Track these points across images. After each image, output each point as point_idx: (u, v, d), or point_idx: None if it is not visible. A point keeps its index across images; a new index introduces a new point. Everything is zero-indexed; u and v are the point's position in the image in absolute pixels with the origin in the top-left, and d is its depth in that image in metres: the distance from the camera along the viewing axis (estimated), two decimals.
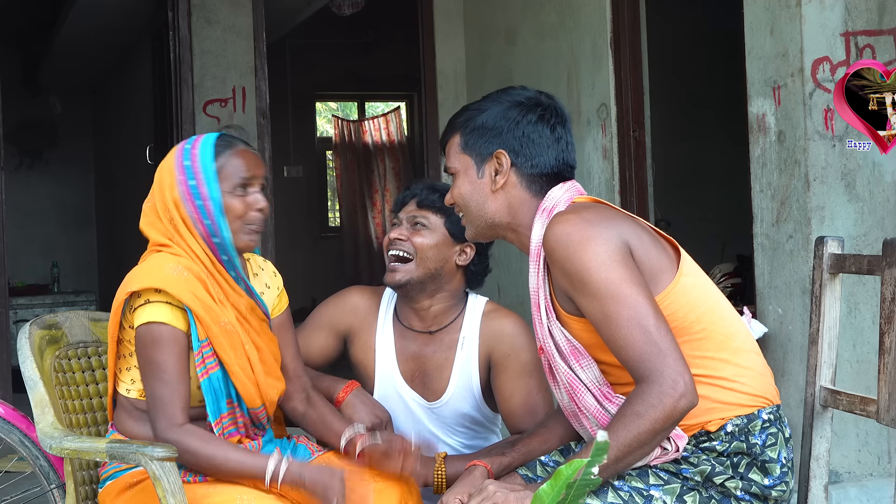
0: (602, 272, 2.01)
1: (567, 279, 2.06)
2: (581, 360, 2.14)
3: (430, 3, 6.63)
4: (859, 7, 3.91)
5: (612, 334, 2.02)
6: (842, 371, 3.63)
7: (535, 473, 2.31)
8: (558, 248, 2.06)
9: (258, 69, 6.12)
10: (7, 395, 5.15)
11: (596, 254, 2.02)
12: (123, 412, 2.43)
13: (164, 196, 2.41)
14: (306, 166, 10.43)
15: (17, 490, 3.29)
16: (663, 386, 1.96)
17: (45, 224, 10.42)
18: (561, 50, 5.50)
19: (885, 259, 2.22)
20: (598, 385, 2.14)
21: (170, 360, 2.30)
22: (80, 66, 9.83)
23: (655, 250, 2.13)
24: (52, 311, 7.28)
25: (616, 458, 1.99)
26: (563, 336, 2.14)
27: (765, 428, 2.11)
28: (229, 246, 2.40)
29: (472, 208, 2.25)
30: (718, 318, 2.14)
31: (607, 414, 2.12)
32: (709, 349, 2.11)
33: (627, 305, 2.00)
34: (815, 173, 3.86)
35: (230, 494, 2.25)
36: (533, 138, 2.22)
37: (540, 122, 2.23)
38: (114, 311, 2.39)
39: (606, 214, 2.13)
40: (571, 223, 2.07)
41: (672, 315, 2.07)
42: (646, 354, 1.98)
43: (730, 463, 2.10)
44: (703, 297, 2.14)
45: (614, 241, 2.05)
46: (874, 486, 3.87)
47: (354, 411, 2.66)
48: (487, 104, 2.26)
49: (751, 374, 2.14)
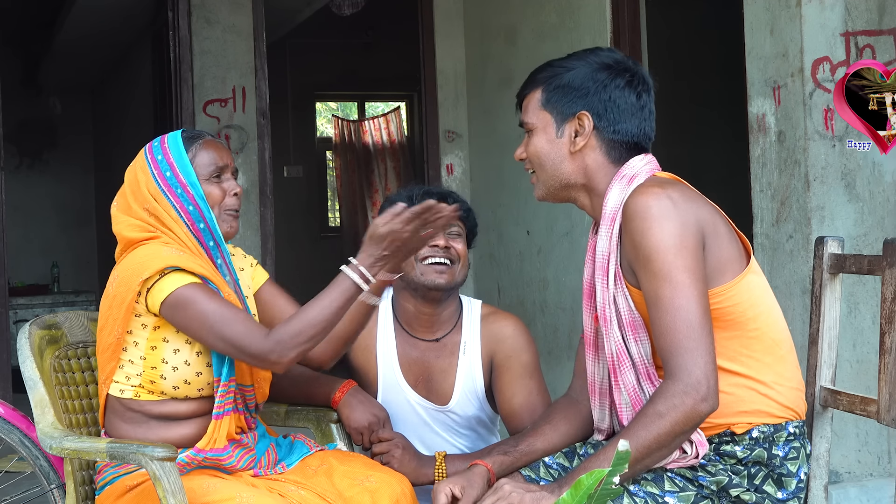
0: (668, 254, 1.99)
1: (635, 251, 2.04)
2: (637, 333, 2.11)
3: (430, 3, 6.63)
4: (859, 7, 3.91)
5: (659, 317, 2.00)
6: (842, 371, 3.63)
7: (538, 475, 2.29)
8: (636, 219, 2.03)
9: (258, 69, 6.12)
10: (7, 395, 5.15)
11: (669, 234, 2.00)
12: (115, 417, 2.43)
13: (140, 193, 2.43)
14: (306, 166, 10.43)
15: (17, 490, 3.29)
16: (689, 385, 1.95)
17: (45, 224, 10.42)
18: (561, 50, 5.46)
19: (886, 259, 2.22)
20: (645, 362, 2.10)
21: (214, 303, 2.29)
22: (80, 67, 9.84)
23: (728, 242, 2.10)
24: (52, 311, 7.28)
25: (635, 460, 1.98)
26: (627, 305, 2.11)
27: (789, 441, 2.10)
28: (215, 230, 2.42)
29: (548, 167, 2.20)
30: (773, 323, 2.13)
31: (642, 395, 2.10)
32: (756, 350, 2.09)
33: (680, 294, 1.98)
34: (815, 173, 3.86)
35: (230, 492, 2.25)
36: (619, 103, 2.16)
37: (627, 88, 2.18)
38: (120, 306, 2.35)
39: (690, 196, 2.09)
40: (655, 196, 2.03)
41: (732, 308, 2.06)
42: (682, 348, 1.97)
43: (746, 473, 2.08)
44: (763, 297, 2.13)
45: (691, 226, 2.02)
46: (874, 486, 3.87)
47: (352, 410, 2.66)
48: (575, 63, 2.20)
49: (788, 385, 2.12)
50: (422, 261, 2.69)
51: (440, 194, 2.69)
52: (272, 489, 2.33)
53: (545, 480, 2.27)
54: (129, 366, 2.39)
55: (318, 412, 2.75)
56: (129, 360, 2.39)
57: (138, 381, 2.39)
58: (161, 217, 2.41)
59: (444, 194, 2.72)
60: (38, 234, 10.17)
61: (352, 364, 2.81)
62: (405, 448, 2.62)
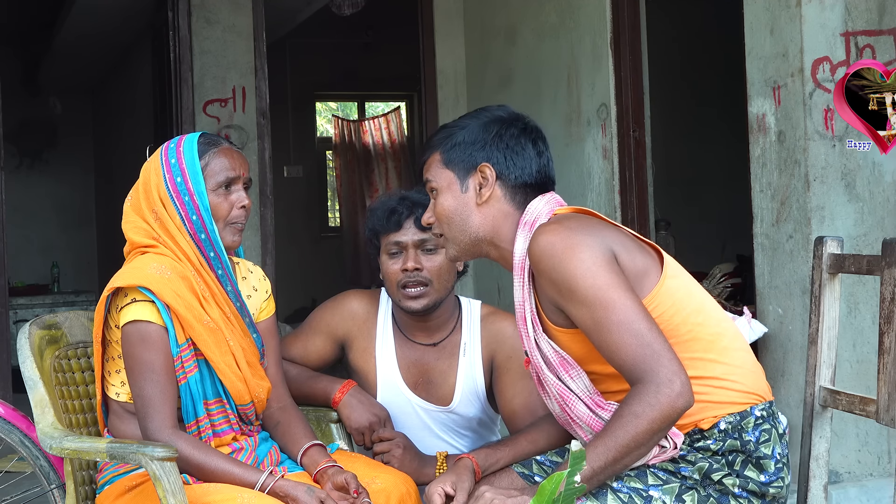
0: (589, 279, 2.02)
1: (555, 288, 2.07)
2: (570, 371, 2.15)
3: (430, 3, 6.63)
4: (859, 7, 3.91)
5: (604, 340, 2.02)
6: (842, 371, 3.63)
7: (530, 471, 2.33)
8: (544, 259, 2.07)
9: (258, 69, 6.12)
10: (7, 395, 5.15)
11: (582, 261, 2.03)
12: (115, 418, 2.43)
13: (150, 194, 2.42)
14: (306, 166, 10.43)
15: (17, 490, 3.29)
16: (660, 386, 1.96)
17: (45, 224, 10.42)
18: (561, 50, 5.50)
19: (885, 259, 2.22)
20: (588, 394, 2.14)
21: (158, 358, 2.31)
22: (79, 67, 9.83)
23: (639, 254, 2.14)
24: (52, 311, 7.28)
25: (614, 460, 1.99)
26: (551, 347, 2.15)
27: (758, 425, 2.12)
28: (216, 242, 2.41)
29: (456, 223, 2.24)
30: (705, 319, 2.15)
31: (601, 421, 2.13)
32: (697, 350, 2.11)
33: (617, 310, 2.00)
34: (815, 173, 3.86)
35: (230, 493, 2.25)
36: (516, 150, 2.22)
37: (522, 135, 2.24)
38: (97, 310, 2.39)
39: (588, 223, 2.14)
40: (555, 233, 2.08)
41: (658, 318, 2.08)
42: (640, 357, 1.99)
43: (725, 461, 2.10)
44: (688, 298, 2.15)
45: (599, 247, 2.06)
46: (874, 486, 3.87)
47: (352, 410, 2.66)
48: (466, 121, 2.29)
49: (741, 371, 2.14)
50: (399, 287, 2.66)
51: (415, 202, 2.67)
52: None
53: (539, 476, 2.32)
54: (124, 373, 2.40)
55: (318, 412, 2.75)
56: (117, 370, 2.41)
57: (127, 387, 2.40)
58: (165, 223, 2.40)
59: (417, 202, 2.68)
60: (38, 234, 10.17)
61: (351, 366, 2.81)
62: (406, 447, 2.61)
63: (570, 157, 5.52)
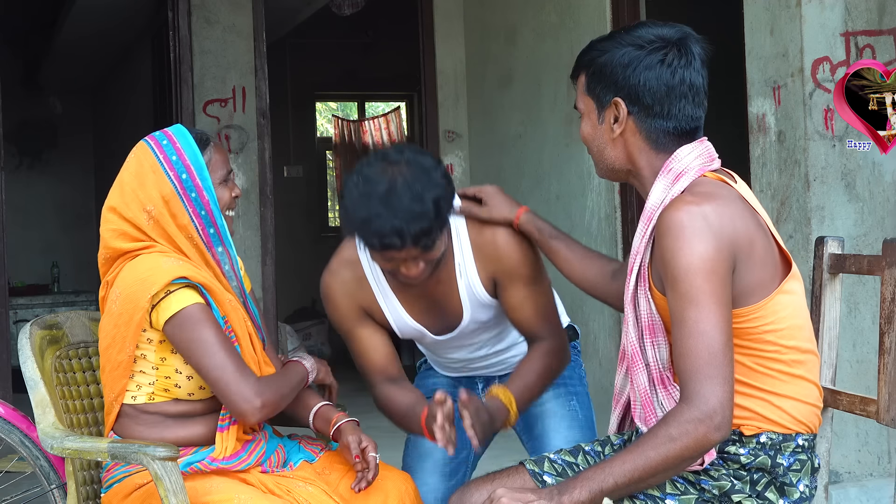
0: (697, 277, 1.95)
1: (664, 267, 2.00)
2: (655, 337, 2.08)
3: (430, 3, 6.63)
4: (859, 7, 3.91)
5: (682, 339, 1.97)
6: (842, 371, 3.63)
7: (541, 469, 2.29)
8: (669, 236, 1.98)
9: (258, 69, 6.12)
10: (7, 395, 5.15)
11: (699, 257, 1.95)
12: (129, 421, 2.41)
13: (146, 193, 2.38)
14: (306, 166, 10.43)
15: (17, 490, 3.29)
16: (704, 413, 1.92)
17: (45, 224, 10.42)
18: (561, 50, 5.50)
19: (886, 259, 2.22)
20: (659, 366, 2.08)
21: (217, 333, 2.31)
22: (80, 67, 9.84)
23: (761, 264, 2.04)
24: (53, 311, 7.29)
25: (640, 479, 1.96)
26: (648, 306, 2.08)
27: (795, 452, 2.08)
28: (225, 235, 2.41)
29: (595, 151, 2.18)
30: (796, 344, 2.08)
31: (653, 398, 2.08)
32: (772, 368, 2.06)
33: (705, 319, 1.95)
34: (815, 173, 3.86)
35: (229, 493, 2.25)
36: (650, 86, 2.08)
37: (660, 66, 2.09)
38: (128, 324, 2.32)
39: (730, 212, 2.02)
40: (691, 215, 1.97)
41: (754, 328, 2.03)
42: (702, 374, 1.94)
43: (749, 479, 2.06)
44: (791, 318, 2.07)
45: (723, 250, 1.97)
46: (874, 486, 3.87)
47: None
48: (609, 45, 2.14)
49: (802, 404, 2.09)
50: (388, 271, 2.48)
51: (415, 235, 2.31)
52: (279, 485, 2.35)
53: (548, 474, 2.26)
54: (141, 376, 2.38)
55: None
56: (139, 370, 2.38)
57: (151, 389, 2.39)
58: (163, 223, 2.37)
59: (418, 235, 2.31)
60: (38, 234, 10.16)
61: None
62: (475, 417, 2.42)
63: (570, 157, 5.53)
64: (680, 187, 2.06)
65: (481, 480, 2.33)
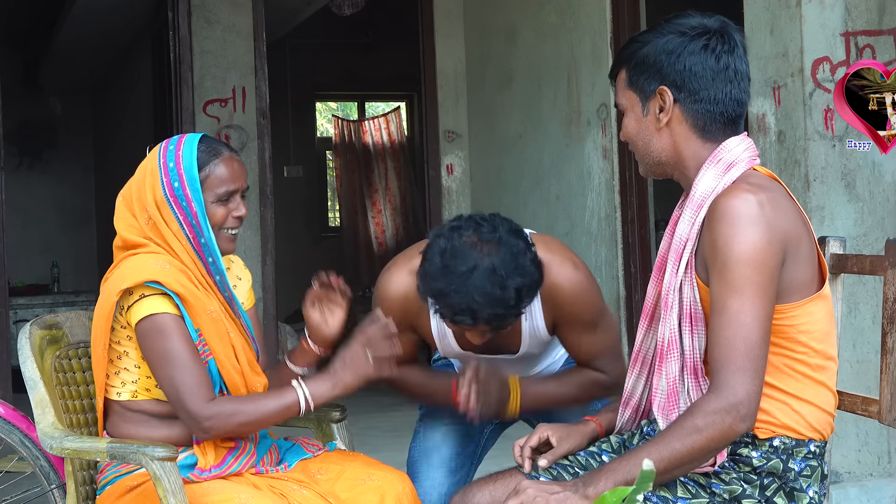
0: (747, 268, 1.94)
1: (713, 253, 1.99)
2: (695, 326, 2.06)
3: (430, 3, 6.63)
4: (859, 7, 3.91)
5: (720, 327, 1.96)
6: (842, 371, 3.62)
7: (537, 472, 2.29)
8: (722, 222, 1.97)
9: (258, 69, 6.12)
10: (7, 395, 5.15)
11: (752, 247, 1.95)
12: (117, 418, 2.42)
13: (144, 196, 2.40)
14: (306, 166, 10.43)
15: (17, 490, 3.29)
16: (731, 404, 1.92)
17: (45, 224, 10.42)
18: (561, 50, 5.50)
19: (888, 259, 2.22)
20: (695, 356, 2.06)
21: (181, 345, 2.31)
22: (80, 67, 9.84)
23: (805, 265, 2.05)
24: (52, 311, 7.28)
25: (665, 470, 1.95)
26: (693, 296, 2.06)
27: (807, 458, 2.07)
28: (214, 249, 2.40)
29: (640, 146, 2.16)
30: (824, 349, 2.08)
31: (681, 387, 2.06)
32: (797, 371, 2.06)
33: (748, 311, 1.94)
34: (815, 173, 3.86)
35: (228, 493, 2.25)
36: (695, 70, 2.07)
37: (704, 52, 2.08)
38: (104, 316, 2.36)
39: (784, 207, 2.03)
40: (747, 203, 1.97)
41: (787, 328, 2.03)
42: (735, 365, 1.94)
43: (759, 483, 2.05)
44: (822, 323, 2.08)
45: (776, 242, 1.97)
46: (874, 486, 3.87)
47: None
48: (650, 36, 2.14)
49: (819, 410, 2.09)
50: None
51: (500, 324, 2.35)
52: (273, 488, 2.34)
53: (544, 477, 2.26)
54: (125, 373, 2.40)
55: (318, 412, 2.74)
56: (124, 367, 2.40)
57: (134, 387, 2.40)
58: (159, 227, 2.38)
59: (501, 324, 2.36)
60: (38, 234, 10.16)
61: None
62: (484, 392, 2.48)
63: (570, 157, 5.52)
64: (732, 176, 2.06)
65: (483, 481, 2.33)
